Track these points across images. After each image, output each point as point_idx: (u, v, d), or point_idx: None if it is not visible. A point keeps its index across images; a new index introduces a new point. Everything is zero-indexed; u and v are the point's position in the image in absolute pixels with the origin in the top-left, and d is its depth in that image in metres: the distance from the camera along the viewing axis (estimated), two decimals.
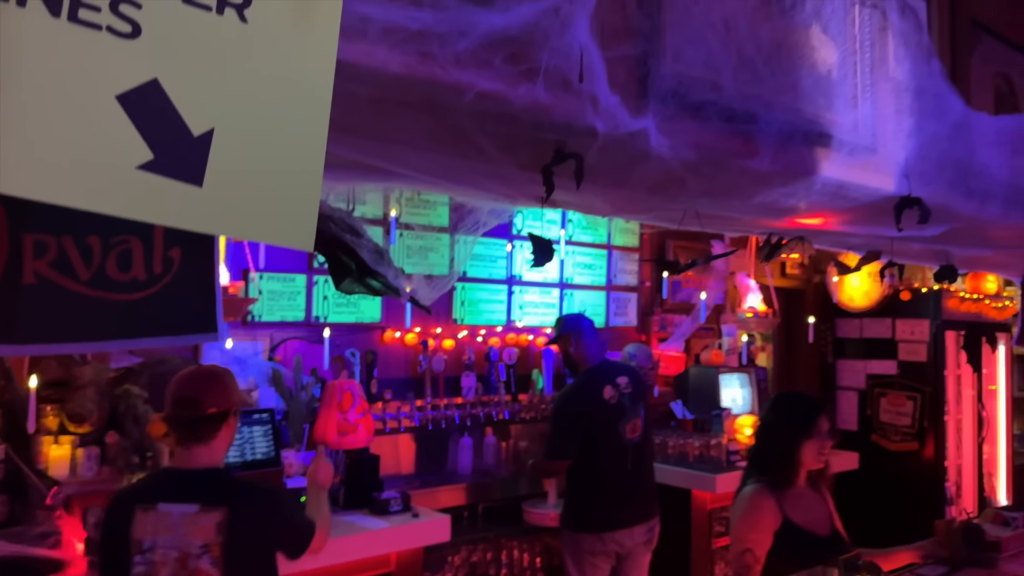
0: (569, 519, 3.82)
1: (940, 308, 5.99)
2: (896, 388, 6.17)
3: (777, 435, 2.69)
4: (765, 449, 2.70)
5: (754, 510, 2.63)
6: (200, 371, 2.18)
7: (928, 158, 2.19)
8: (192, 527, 1.98)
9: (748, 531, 2.57)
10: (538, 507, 4.15)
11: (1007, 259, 3.66)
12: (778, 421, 2.75)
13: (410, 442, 4.24)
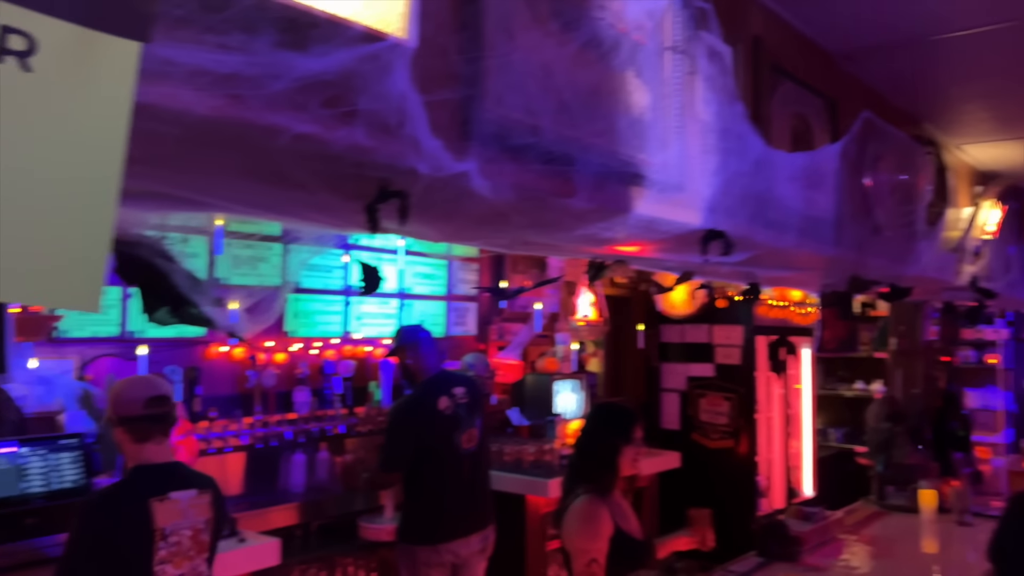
0: (405, 531, 3.81)
1: (752, 315, 6.42)
2: (714, 389, 6.56)
3: (601, 443, 2.74)
4: (590, 458, 2.75)
5: (593, 519, 2.67)
6: (146, 376, 2.62)
7: (731, 193, 2.35)
8: (198, 507, 2.40)
9: (591, 541, 2.61)
10: (374, 522, 4.10)
11: (806, 278, 3.99)
12: (600, 429, 2.81)
13: (239, 462, 4.08)
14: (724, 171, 2.33)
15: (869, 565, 3.90)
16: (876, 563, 3.95)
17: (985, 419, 7.92)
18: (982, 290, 4.48)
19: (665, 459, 5.73)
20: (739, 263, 2.98)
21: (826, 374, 8.06)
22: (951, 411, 5.62)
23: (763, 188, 2.50)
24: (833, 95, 3.05)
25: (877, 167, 3.15)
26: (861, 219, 3.13)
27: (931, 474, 5.03)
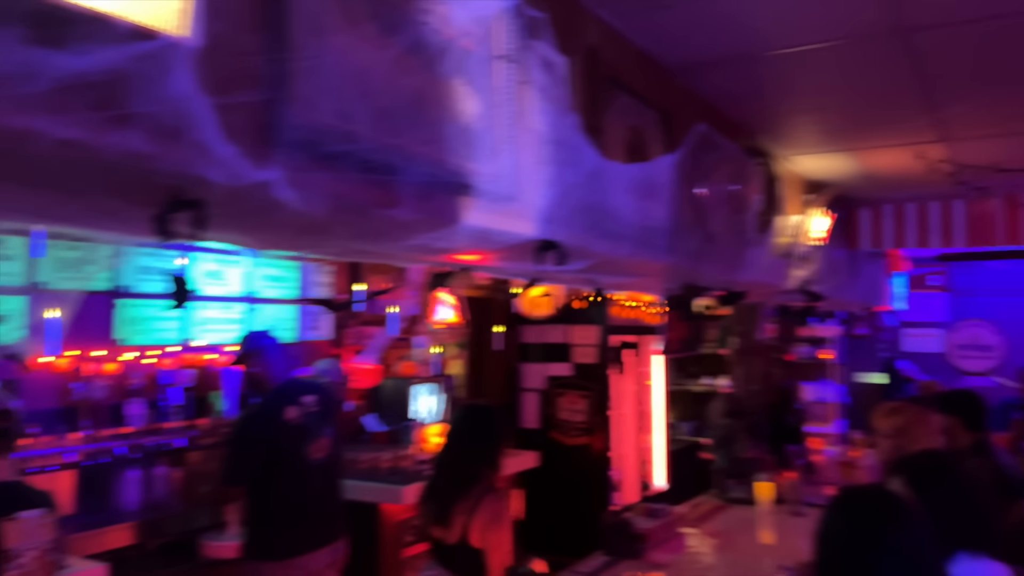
0: (250, 548, 3.59)
1: (606, 315, 6.53)
2: (571, 388, 6.61)
3: (485, 444, 2.88)
4: (476, 458, 2.86)
5: (504, 514, 2.86)
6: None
7: (566, 204, 2.32)
8: (43, 527, 2.39)
9: (506, 533, 2.81)
10: (217, 539, 3.86)
11: (648, 283, 4.06)
12: (482, 431, 2.93)
13: (67, 481, 3.74)
14: (558, 182, 2.29)
15: (710, 558, 4.00)
16: (717, 556, 4.06)
17: (819, 411, 8.41)
18: (810, 293, 4.70)
19: (523, 459, 5.73)
20: (580, 271, 2.97)
21: (677, 370, 8.32)
22: (786, 406, 5.90)
23: (598, 199, 2.48)
24: (668, 107, 3.08)
25: (710, 178, 3.22)
26: (695, 228, 3.19)
27: (768, 467, 5.24)
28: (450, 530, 2.92)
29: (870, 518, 1.86)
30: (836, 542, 1.87)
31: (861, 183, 5.12)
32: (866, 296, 6.41)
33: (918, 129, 3.85)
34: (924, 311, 8.75)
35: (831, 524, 1.90)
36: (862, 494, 2.00)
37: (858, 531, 1.85)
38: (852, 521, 1.88)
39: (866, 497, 1.96)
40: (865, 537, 1.83)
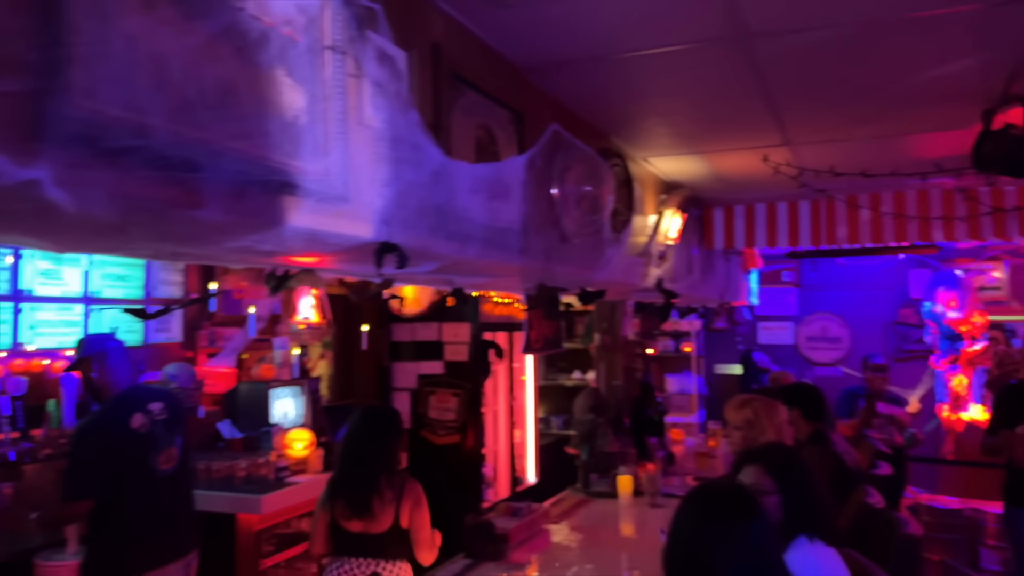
0: (92, 567, 3.31)
1: (479, 312, 6.46)
2: (443, 386, 6.51)
3: (391, 441, 3.28)
4: (384, 455, 3.23)
5: (424, 496, 3.32)
6: None
7: (407, 205, 2.19)
8: None
9: (428, 513, 3.28)
10: (54, 559, 3.53)
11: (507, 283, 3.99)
12: (388, 429, 3.31)
13: None
14: (397, 181, 2.16)
15: (571, 554, 3.99)
16: (577, 551, 4.05)
17: (681, 402, 8.66)
18: (666, 291, 4.77)
19: None
20: (430, 273, 2.85)
21: (548, 365, 8.36)
22: (648, 399, 5.99)
23: (443, 199, 2.37)
24: (520, 107, 3.01)
25: (564, 178, 3.18)
26: (549, 229, 3.13)
27: (629, 460, 5.31)
28: (376, 521, 3.21)
29: (719, 513, 1.88)
30: (685, 536, 1.89)
31: (714, 184, 5.24)
32: (722, 292, 6.60)
33: (763, 133, 3.95)
34: (777, 305, 9.15)
35: (681, 519, 1.92)
36: (713, 490, 2.02)
37: (706, 526, 1.87)
38: (702, 516, 1.90)
39: (716, 493, 1.99)
40: (712, 531, 1.84)
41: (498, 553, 3.79)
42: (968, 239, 4.94)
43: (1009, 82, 3.07)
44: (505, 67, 2.89)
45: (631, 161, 4.29)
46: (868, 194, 5.22)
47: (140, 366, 4.38)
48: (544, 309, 4.10)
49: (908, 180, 4.34)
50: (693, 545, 1.86)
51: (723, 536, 1.84)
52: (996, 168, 3.24)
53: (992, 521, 6.70)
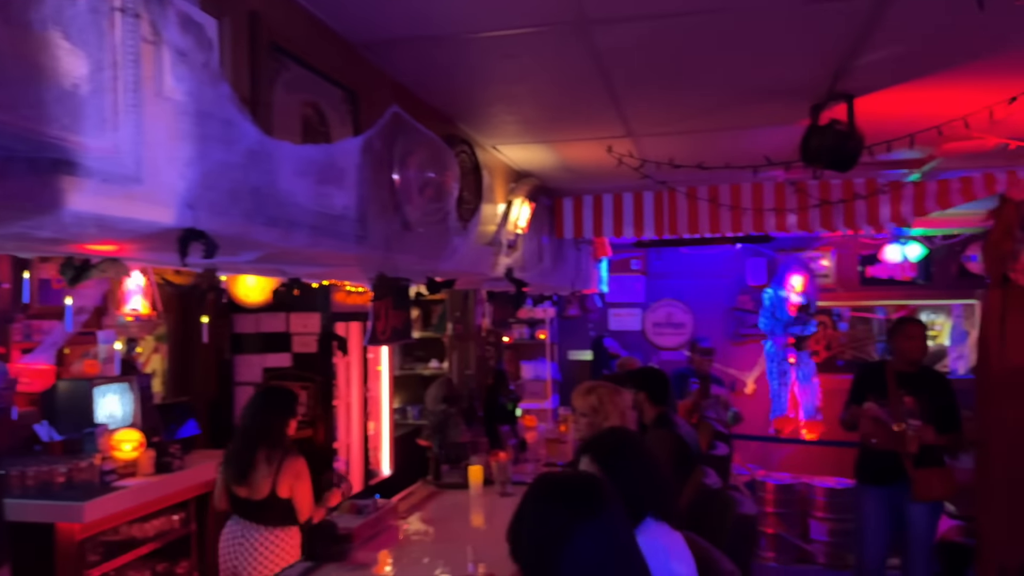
0: None
1: (329, 302, 6.18)
2: (291, 379, 6.20)
3: (276, 419, 3.92)
4: (268, 431, 3.86)
5: (306, 470, 3.94)
6: None
7: (217, 188, 1.97)
8: None
9: (310, 484, 3.92)
10: None
11: (347, 272, 3.79)
12: (274, 409, 3.94)
13: None
14: (204, 161, 1.92)
15: (418, 550, 3.86)
16: (426, 546, 3.92)
17: (536, 388, 8.72)
18: (516, 280, 4.71)
19: None
20: (253, 262, 2.62)
21: (404, 354, 8.18)
22: (500, 388, 5.94)
23: (262, 182, 2.15)
24: (354, 86, 2.81)
25: (406, 163, 3.01)
26: (389, 216, 2.96)
27: (481, 449, 5.24)
28: (255, 489, 3.79)
29: (564, 505, 1.83)
30: (536, 525, 1.84)
31: (562, 174, 5.23)
32: (573, 281, 6.64)
33: (606, 124, 3.93)
34: (625, 293, 9.37)
35: (531, 509, 1.87)
36: (558, 481, 1.98)
37: (552, 518, 1.82)
38: (552, 506, 1.85)
39: (561, 484, 1.95)
40: (559, 524, 1.80)
41: (341, 554, 3.61)
42: (798, 230, 5.18)
43: (834, 79, 3.18)
44: (336, 42, 2.68)
45: (479, 148, 4.18)
46: (707, 187, 5.37)
47: None
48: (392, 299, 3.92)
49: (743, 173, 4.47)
50: (544, 535, 1.81)
51: (575, 521, 1.80)
52: (822, 162, 3.36)
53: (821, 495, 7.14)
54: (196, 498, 4.97)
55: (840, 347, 8.79)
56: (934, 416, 4.62)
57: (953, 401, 4.71)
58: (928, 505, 4.72)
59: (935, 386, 4.77)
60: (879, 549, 4.90)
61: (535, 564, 1.83)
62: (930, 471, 4.66)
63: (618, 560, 1.84)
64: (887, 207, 5.08)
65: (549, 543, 1.79)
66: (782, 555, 7.13)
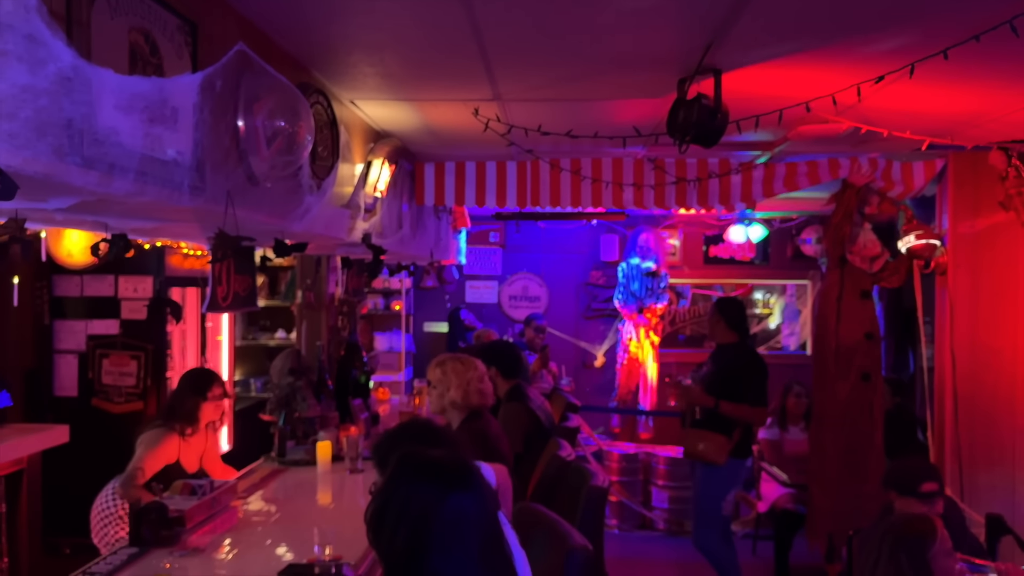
0: None
1: (164, 265, 5.67)
2: (119, 348, 5.66)
3: (187, 399, 4.11)
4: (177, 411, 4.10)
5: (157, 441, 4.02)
6: None
7: (18, 116, 1.62)
8: None
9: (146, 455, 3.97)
10: None
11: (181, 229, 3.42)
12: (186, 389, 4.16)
13: None
14: (5, 83, 1.58)
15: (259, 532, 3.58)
16: (268, 527, 3.64)
17: (390, 360, 8.47)
18: (374, 247, 4.46)
19: (49, 434, 4.72)
20: (72, 209, 2.25)
21: (248, 323, 7.71)
22: (353, 360, 5.68)
23: (77, 114, 1.81)
24: (194, 16, 2.46)
25: (252, 109, 2.69)
26: (232, 166, 2.63)
27: (331, 423, 4.97)
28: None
29: (440, 482, 1.72)
30: (400, 504, 1.71)
31: (425, 138, 5.00)
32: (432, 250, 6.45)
33: (474, 85, 3.74)
34: (483, 265, 9.28)
35: (393, 492, 1.73)
36: (427, 460, 1.81)
37: (425, 495, 1.70)
38: (421, 487, 1.72)
39: (432, 462, 1.80)
40: (433, 500, 1.69)
41: (171, 538, 3.26)
42: (655, 206, 5.23)
43: (703, 53, 3.15)
44: None
45: (336, 102, 3.87)
46: (570, 159, 5.31)
47: None
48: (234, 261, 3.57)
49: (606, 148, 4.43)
50: (417, 513, 1.67)
51: (447, 499, 1.67)
52: (688, 136, 3.34)
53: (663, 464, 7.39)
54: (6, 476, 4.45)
55: (683, 322, 9.14)
56: (723, 384, 4.96)
57: (741, 373, 4.99)
58: (705, 466, 5.05)
59: (729, 359, 5.07)
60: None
61: (406, 547, 1.66)
62: (697, 431, 5.05)
63: (493, 539, 1.74)
64: (738, 187, 5.23)
65: (422, 522, 1.66)
66: (625, 522, 7.34)
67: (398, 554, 1.67)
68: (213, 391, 4.11)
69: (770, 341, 9.47)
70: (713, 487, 5.07)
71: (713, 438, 4.98)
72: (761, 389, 5.02)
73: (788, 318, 9.54)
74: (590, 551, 2.79)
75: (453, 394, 3.80)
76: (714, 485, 5.07)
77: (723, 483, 5.07)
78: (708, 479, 5.09)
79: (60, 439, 4.76)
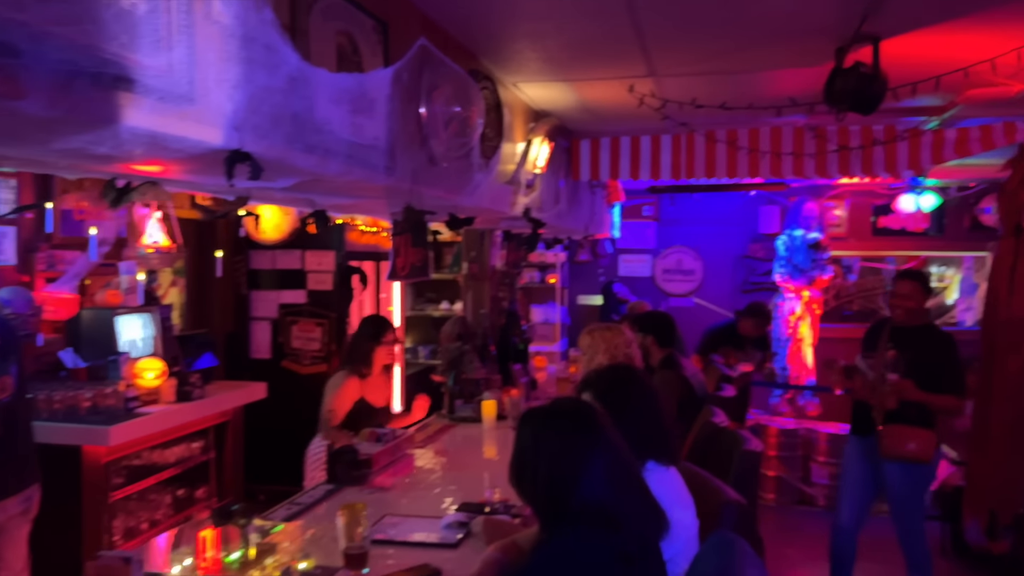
0: None
1: (344, 240, 6.29)
2: (306, 316, 6.36)
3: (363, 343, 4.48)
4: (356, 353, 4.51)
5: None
6: None
7: (260, 111, 2.03)
8: None
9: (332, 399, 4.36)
10: None
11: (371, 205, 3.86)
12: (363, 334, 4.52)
13: None
14: (249, 84, 1.99)
15: (433, 477, 4.01)
16: (441, 474, 4.08)
17: (545, 332, 8.85)
18: (533, 220, 4.78)
19: (250, 390, 5.41)
20: (289, 189, 2.70)
21: (416, 295, 8.31)
22: (513, 328, 6.06)
23: (301, 108, 2.22)
24: (385, 16, 2.85)
25: (432, 97, 3.06)
26: (416, 149, 3.02)
27: (494, 386, 5.38)
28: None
29: (565, 432, 1.85)
30: (534, 456, 1.86)
31: (581, 115, 5.25)
32: (587, 224, 6.71)
33: (630, 63, 3.95)
34: (637, 239, 9.43)
35: (535, 434, 1.89)
36: (555, 410, 1.98)
37: (561, 438, 1.84)
38: (556, 429, 1.87)
39: (558, 412, 1.95)
40: (563, 450, 1.82)
41: (360, 478, 3.76)
42: (816, 175, 5.21)
43: (861, 21, 3.20)
44: None
45: (500, 86, 4.21)
46: (725, 130, 5.39)
47: None
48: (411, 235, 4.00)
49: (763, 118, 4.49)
50: (553, 461, 1.82)
51: (583, 450, 1.82)
52: (845, 104, 3.40)
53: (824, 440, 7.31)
54: (215, 427, 5.14)
55: (848, 296, 8.87)
56: (917, 372, 4.25)
57: (947, 360, 4.32)
58: (902, 464, 4.37)
59: (928, 343, 4.38)
60: (854, 501, 4.66)
61: (549, 491, 1.82)
62: (903, 428, 4.31)
63: (630, 472, 1.90)
64: (905, 155, 5.11)
65: (563, 463, 1.80)
66: (783, 497, 7.34)
67: (539, 494, 1.85)
68: (386, 336, 4.49)
69: (944, 316, 9.02)
70: (920, 486, 4.53)
71: (922, 435, 4.33)
72: (963, 375, 4.42)
73: (965, 292, 9.04)
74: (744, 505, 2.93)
75: (600, 359, 4.01)
76: (921, 484, 4.53)
77: (927, 479, 4.59)
78: (912, 479, 4.48)
79: (259, 395, 5.44)
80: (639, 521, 1.86)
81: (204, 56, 1.83)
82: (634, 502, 1.88)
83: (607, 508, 1.80)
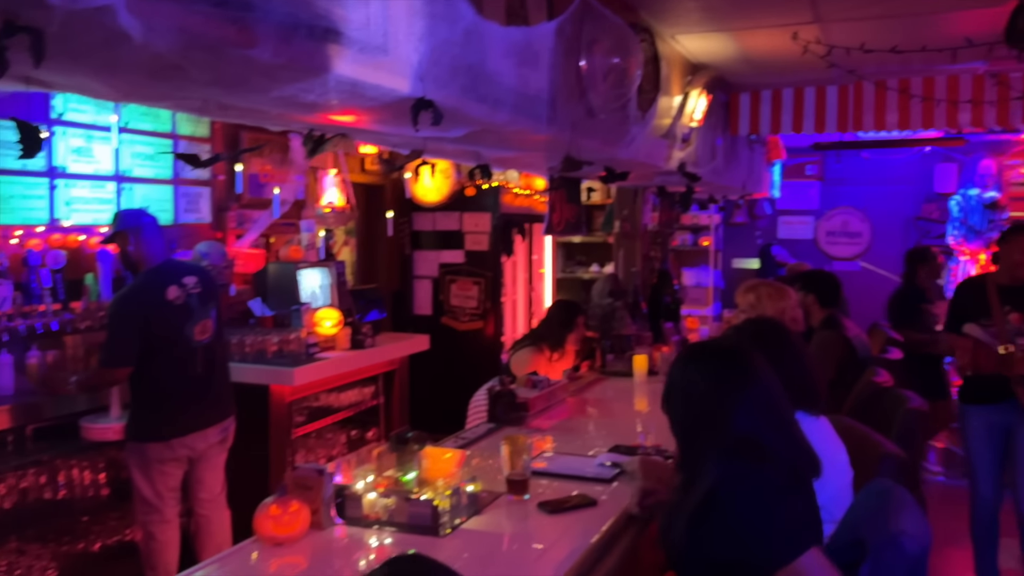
0: (134, 430, 3.59)
1: (499, 203, 6.58)
2: (464, 275, 6.71)
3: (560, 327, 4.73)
4: (548, 333, 4.77)
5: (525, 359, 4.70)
6: None
7: (440, 62, 2.26)
8: None
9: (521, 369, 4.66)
10: (99, 422, 3.78)
11: (530, 159, 4.06)
12: (558, 318, 4.78)
13: None
14: (432, 37, 2.22)
15: (587, 422, 4.22)
16: (593, 420, 4.28)
17: (698, 295, 8.82)
18: (689, 174, 4.82)
19: (414, 342, 5.81)
20: (459, 140, 2.94)
21: (566, 258, 8.51)
22: (664, 286, 6.13)
23: (475, 60, 2.43)
24: None
25: (592, 50, 3.20)
26: (576, 101, 3.18)
27: (645, 342, 5.50)
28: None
29: (731, 365, 1.95)
30: (689, 391, 1.95)
31: (741, 67, 5.21)
32: (744, 182, 6.63)
33: (794, 8, 3.91)
34: (798, 199, 9.16)
35: (691, 373, 1.98)
36: (711, 348, 2.10)
37: (718, 377, 1.93)
38: (714, 369, 1.95)
39: (715, 350, 2.06)
40: (718, 384, 1.91)
41: (519, 420, 4.01)
42: (996, 125, 4.92)
43: None
44: None
45: (659, 39, 4.28)
46: (897, 79, 5.18)
47: (172, 244, 4.54)
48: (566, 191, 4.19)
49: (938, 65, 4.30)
50: (708, 396, 1.91)
51: (738, 385, 1.91)
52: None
53: None
54: (384, 374, 5.58)
55: None
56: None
57: None
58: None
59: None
60: (990, 473, 4.41)
61: (700, 422, 1.91)
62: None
63: (782, 412, 1.97)
64: None
65: (717, 396, 1.89)
66: (951, 470, 7.01)
67: (697, 430, 1.95)
68: (579, 322, 4.76)
69: None
70: None
71: None
72: None
73: None
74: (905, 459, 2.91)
75: (773, 317, 3.97)
76: None
77: None
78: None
79: (423, 346, 5.83)
80: (791, 454, 1.94)
81: (395, 10, 2.07)
82: (786, 437, 1.95)
83: (760, 441, 1.89)
